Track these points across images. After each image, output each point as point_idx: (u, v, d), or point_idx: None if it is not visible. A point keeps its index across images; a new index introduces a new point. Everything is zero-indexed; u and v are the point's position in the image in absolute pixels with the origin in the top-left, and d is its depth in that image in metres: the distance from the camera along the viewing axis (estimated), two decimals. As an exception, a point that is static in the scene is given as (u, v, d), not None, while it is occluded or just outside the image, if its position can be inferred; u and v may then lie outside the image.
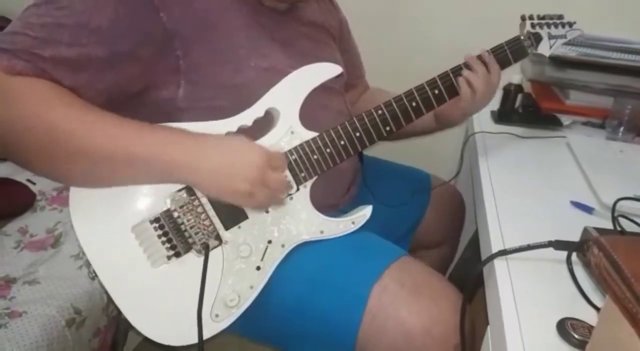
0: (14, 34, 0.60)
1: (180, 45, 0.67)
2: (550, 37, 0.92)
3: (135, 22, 0.64)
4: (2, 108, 0.59)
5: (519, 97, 1.17)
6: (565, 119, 1.17)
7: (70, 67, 0.62)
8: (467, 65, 0.84)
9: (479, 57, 0.84)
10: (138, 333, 0.69)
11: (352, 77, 1.03)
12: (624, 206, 0.76)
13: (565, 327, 0.53)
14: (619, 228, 0.71)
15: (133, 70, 0.66)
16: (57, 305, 0.94)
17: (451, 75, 0.83)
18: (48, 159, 0.63)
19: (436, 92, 0.82)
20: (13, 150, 0.63)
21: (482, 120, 1.17)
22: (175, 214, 0.69)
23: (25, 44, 0.60)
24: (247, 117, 0.72)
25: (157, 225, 0.68)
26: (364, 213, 0.80)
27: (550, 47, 0.93)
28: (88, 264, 1.06)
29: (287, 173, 0.74)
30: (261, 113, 0.73)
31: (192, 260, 0.70)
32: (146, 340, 0.70)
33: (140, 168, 0.65)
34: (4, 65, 0.59)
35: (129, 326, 0.69)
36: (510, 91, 1.16)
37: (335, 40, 0.96)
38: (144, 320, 0.69)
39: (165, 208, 0.69)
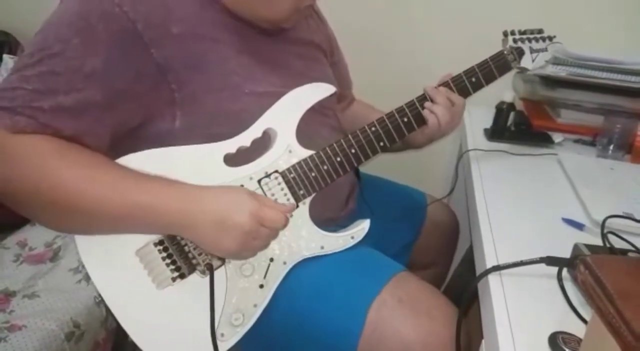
0: (12, 90, 0.62)
1: (174, 78, 0.68)
2: (532, 51, 0.95)
3: (127, 62, 0.65)
4: (6, 168, 0.61)
5: (512, 115, 1.19)
6: (557, 137, 1.19)
7: (70, 114, 0.63)
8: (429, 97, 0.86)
9: (439, 89, 0.87)
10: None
11: (342, 89, 1.05)
12: (613, 223, 0.78)
13: (556, 341, 0.54)
14: (608, 245, 0.72)
15: (130, 108, 0.68)
16: (56, 318, 0.95)
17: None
18: (52, 216, 0.65)
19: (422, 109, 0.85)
20: (19, 206, 0.65)
21: (476, 137, 1.19)
22: (179, 236, 0.70)
23: (24, 99, 0.61)
24: (245, 138, 0.73)
25: (161, 247, 0.69)
26: (363, 227, 0.81)
27: (533, 61, 0.96)
28: (87, 278, 1.07)
29: (287, 191, 0.75)
30: (259, 134, 0.74)
31: (196, 281, 0.71)
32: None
33: (134, 225, 0.67)
34: (7, 124, 0.60)
35: (135, 348, 0.69)
36: (503, 109, 1.18)
37: (326, 55, 0.97)
38: (150, 342, 0.69)
39: None
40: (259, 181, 0.74)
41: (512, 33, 0.94)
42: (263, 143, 0.75)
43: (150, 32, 0.66)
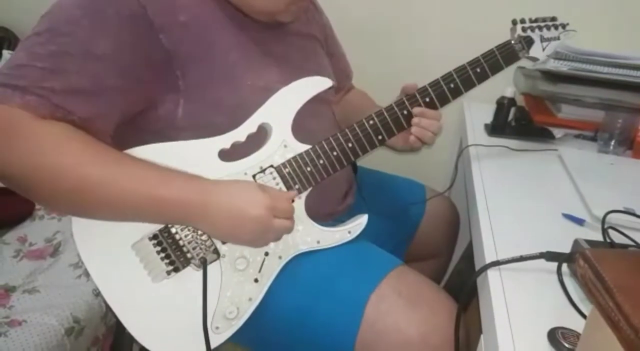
0: (21, 67, 0.60)
1: (179, 65, 0.69)
2: (543, 39, 0.92)
3: (138, 46, 0.65)
4: (26, 155, 0.60)
5: (512, 110, 1.19)
6: (558, 132, 1.18)
7: (82, 97, 0.63)
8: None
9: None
10: (142, 347, 0.70)
11: (341, 79, 1.05)
12: (613, 218, 0.78)
13: (556, 336, 0.54)
14: (608, 240, 0.72)
15: (138, 93, 0.68)
16: (56, 313, 0.95)
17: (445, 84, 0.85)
18: (69, 206, 0.65)
19: (427, 99, 0.84)
20: (34, 194, 0.64)
21: (476, 132, 1.19)
22: (173, 230, 0.70)
23: (35, 77, 0.60)
24: (240, 133, 0.73)
25: (156, 241, 0.70)
26: (360, 221, 0.81)
27: (543, 49, 0.93)
28: (87, 273, 1.07)
29: (282, 186, 0.75)
30: (254, 129, 0.74)
31: (191, 275, 0.71)
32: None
33: (151, 215, 0.67)
34: (18, 103, 0.59)
35: (132, 340, 0.70)
36: (504, 104, 1.18)
37: (322, 46, 0.97)
38: (147, 334, 0.70)
39: (163, 225, 0.70)
40: (254, 176, 0.74)
41: (522, 21, 0.91)
42: (258, 138, 0.75)
43: (159, 18, 0.66)
